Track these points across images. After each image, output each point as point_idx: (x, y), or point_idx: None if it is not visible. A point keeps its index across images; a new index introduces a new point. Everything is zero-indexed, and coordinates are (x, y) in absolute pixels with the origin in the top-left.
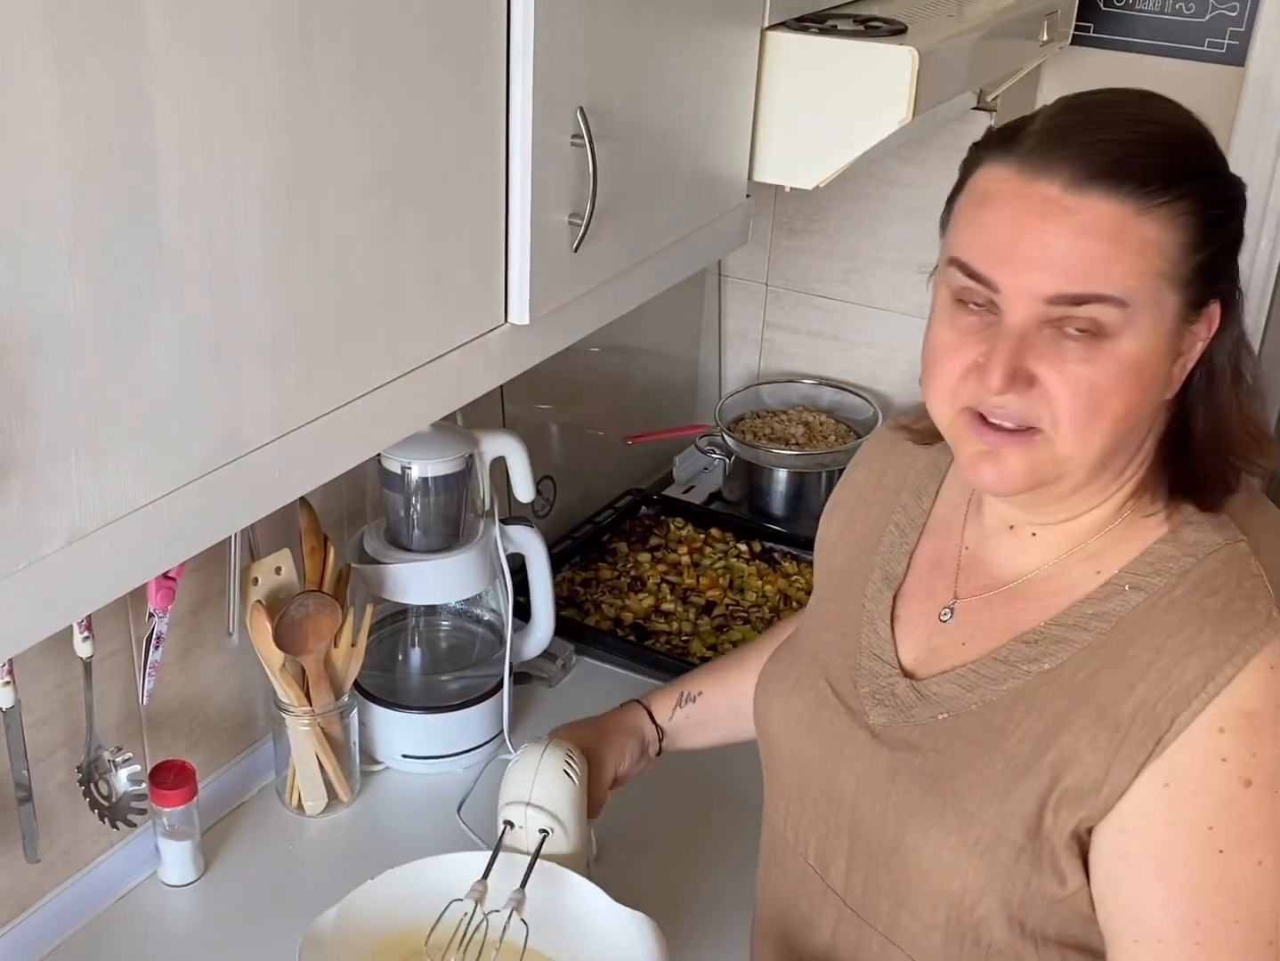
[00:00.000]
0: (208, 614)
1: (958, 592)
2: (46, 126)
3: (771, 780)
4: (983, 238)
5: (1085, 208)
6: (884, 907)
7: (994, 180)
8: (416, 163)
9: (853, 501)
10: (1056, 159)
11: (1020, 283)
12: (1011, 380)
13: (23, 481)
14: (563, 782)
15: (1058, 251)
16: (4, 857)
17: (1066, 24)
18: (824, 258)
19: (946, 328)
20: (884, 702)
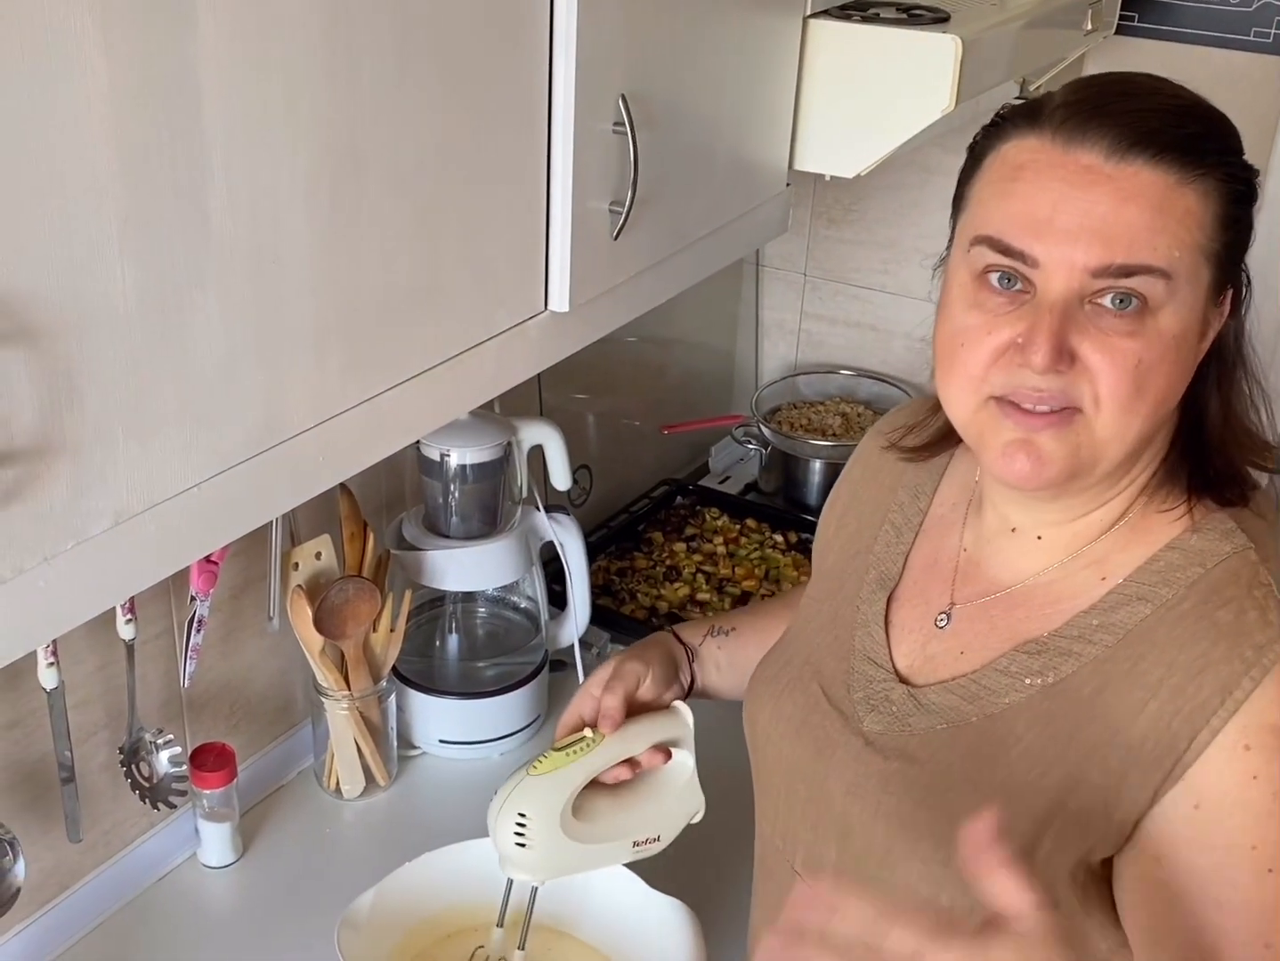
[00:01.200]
0: (249, 598)
1: (955, 597)
2: (96, 112)
3: (760, 784)
4: (1017, 210)
5: (1128, 175)
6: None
7: (1025, 151)
8: (459, 150)
9: (848, 499)
10: (1094, 127)
11: (1062, 254)
12: (1058, 356)
13: (71, 463)
14: (516, 854)
15: (1101, 220)
16: (47, 837)
17: (1111, 13)
18: (863, 247)
19: (971, 311)
20: (879, 709)
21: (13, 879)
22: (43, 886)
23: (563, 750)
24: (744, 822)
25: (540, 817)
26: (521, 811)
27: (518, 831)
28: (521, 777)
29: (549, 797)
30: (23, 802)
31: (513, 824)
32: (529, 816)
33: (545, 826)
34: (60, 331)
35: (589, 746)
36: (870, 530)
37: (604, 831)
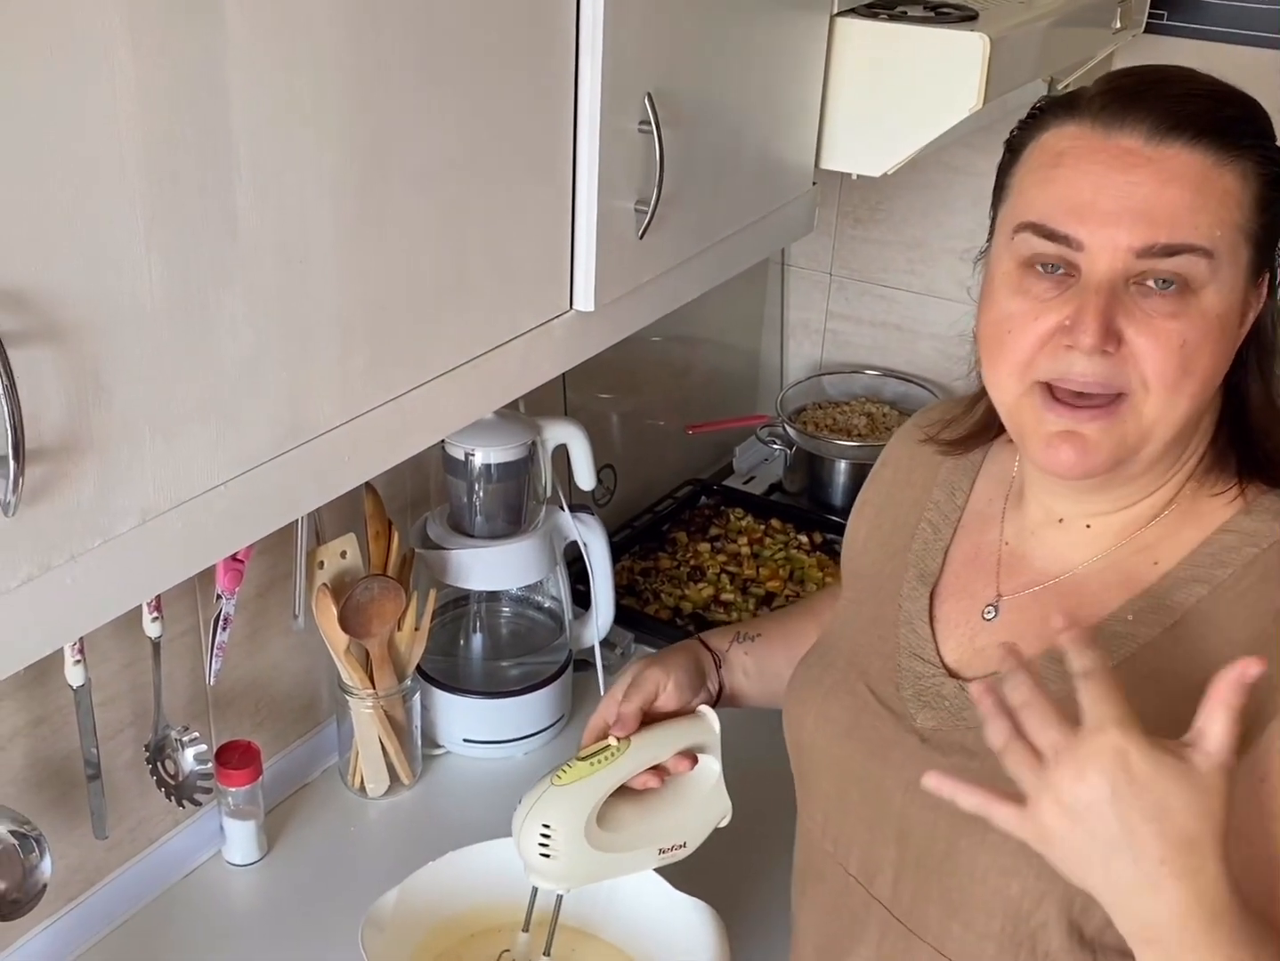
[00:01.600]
0: (274, 596)
1: (1001, 590)
2: (124, 110)
3: (807, 789)
4: (1059, 195)
5: (1168, 157)
6: (934, 917)
7: (1065, 139)
8: (485, 149)
9: (880, 501)
10: (1134, 112)
11: (1106, 235)
12: (1106, 336)
13: (98, 461)
14: (541, 864)
15: (1143, 202)
16: (73, 834)
17: (1140, 11)
18: (889, 247)
19: (1016, 297)
20: (931, 705)
21: (39, 875)
22: (69, 883)
23: (587, 759)
24: (766, 823)
25: (565, 828)
26: (546, 822)
27: (542, 842)
28: (546, 787)
29: (573, 808)
30: (49, 799)
31: (537, 835)
32: (553, 827)
33: (570, 836)
34: (87, 329)
35: (613, 755)
36: (906, 530)
37: (629, 840)
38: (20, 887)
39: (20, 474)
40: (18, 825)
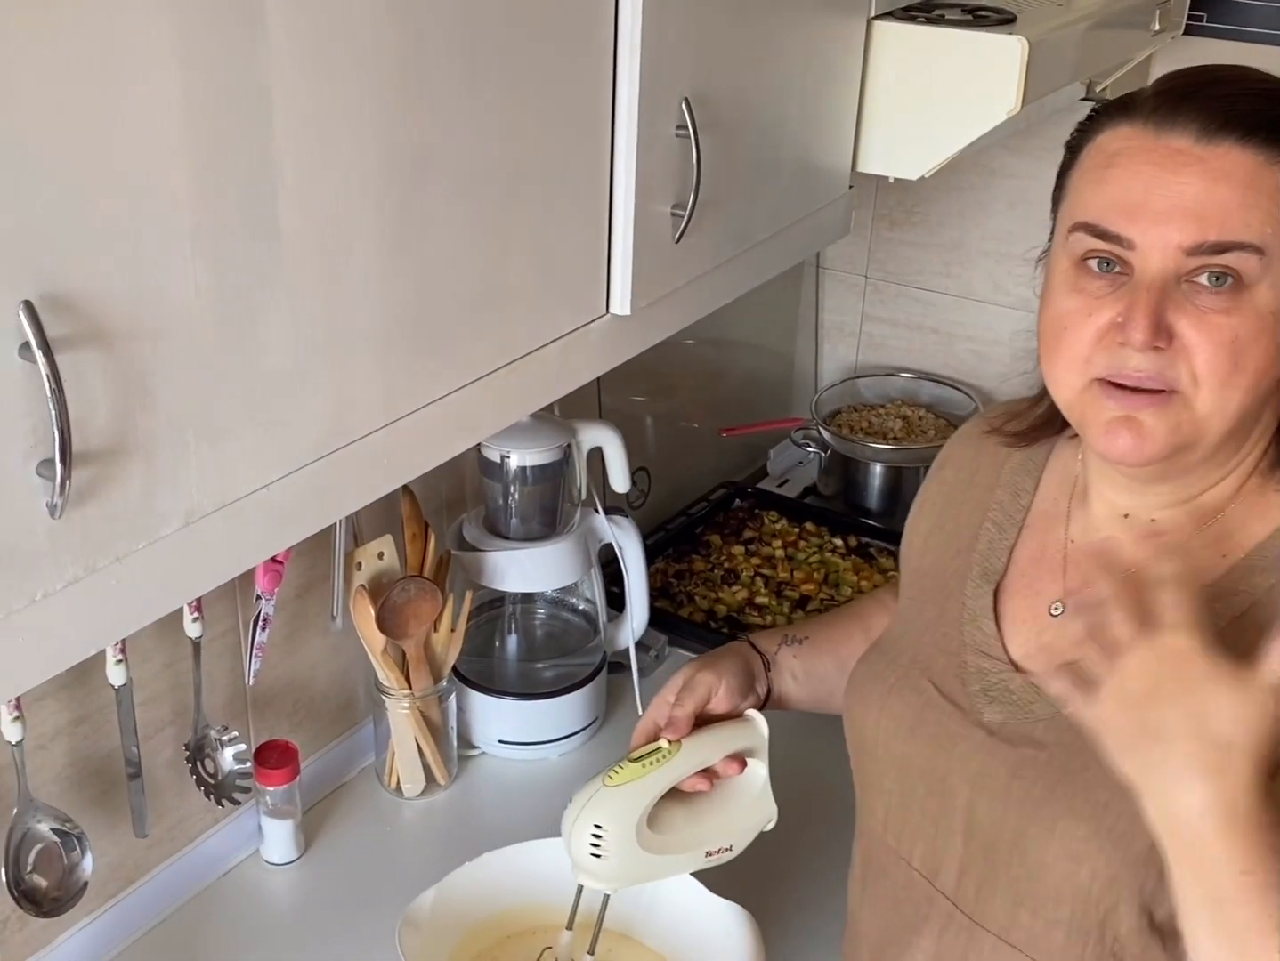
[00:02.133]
0: (312, 597)
1: (1068, 586)
2: (170, 117)
3: (868, 785)
4: (1112, 195)
5: (1218, 156)
6: (1000, 908)
7: (1119, 139)
8: (523, 154)
9: (942, 501)
10: (1184, 112)
11: (1157, 234)
12: (1156, 333)
13: (144, 463)
14: (591, 864)
15: (1193, 200)
16: (114, 832)
17: (1180, 13)
18: (925, 249)
19: (1072, 295)
20: (999, 700)
21: (81, 873)
22: (109, 881)
23: (639, 761)
24: (804, 827)
25: (616, 829)
26: (597, 822)
27: (593, 842)
28: (598, 788)
29: (625, 809)
30: (90, 798)
31: (588, 834)
32: (605, 827)
33: (620, 837)
34: (133, 334)
35: (664, 757)
36: (970, 529)
37: (678, 842)
38: (62, 885)
39: (67, 477)
40: (60, 823)
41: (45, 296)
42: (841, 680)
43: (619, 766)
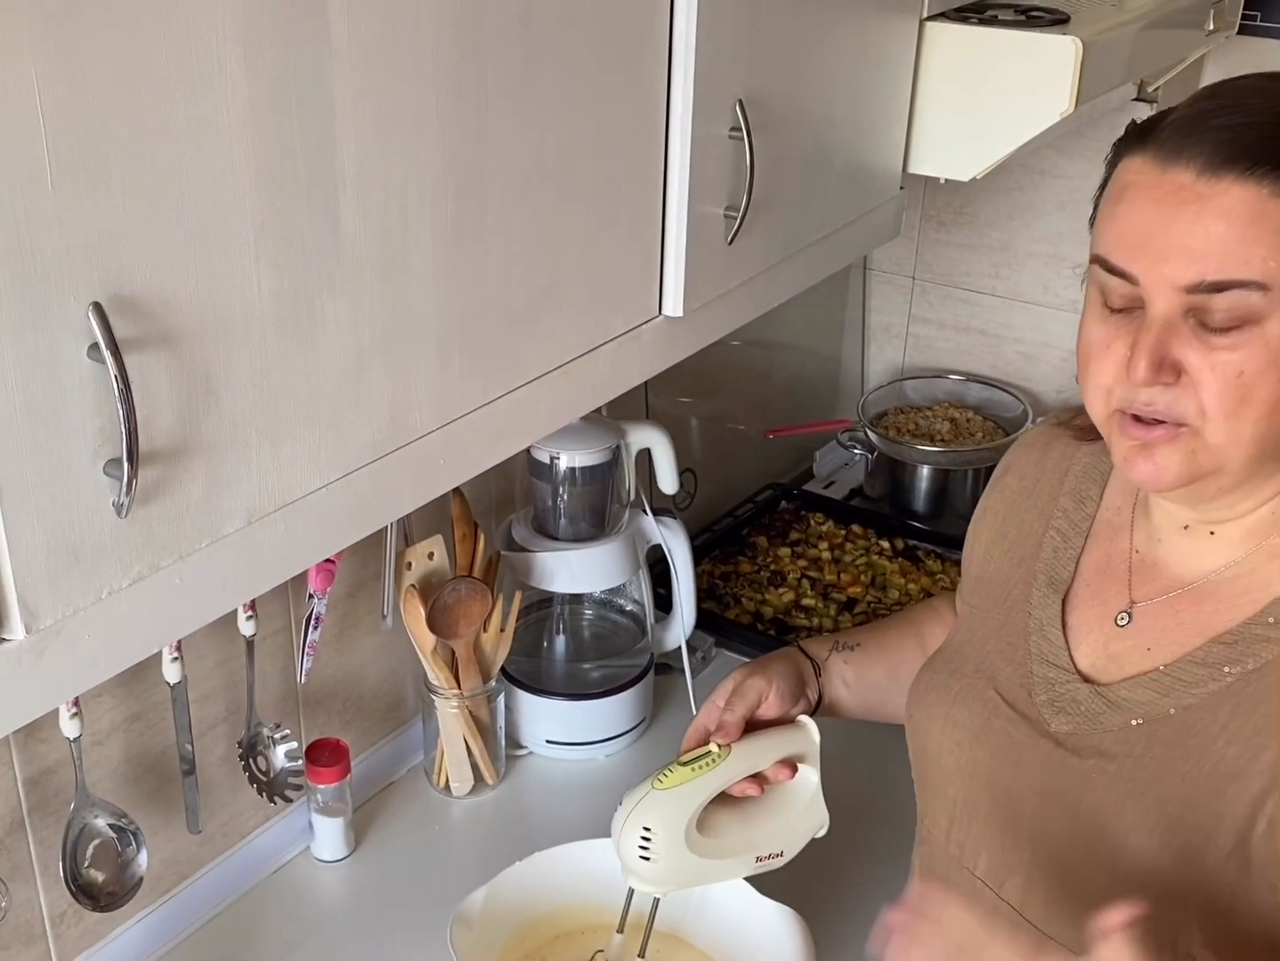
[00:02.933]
0: (363, 597)
1: (1134, 596)
2: (236, 121)
3: (931, 794)
4: (1119, 231)
5: (1219, 193)
6: (1068, 919)
7: (1131, 172)
8: (578, 158)
9: (1005, 508)
10: (1190, 145)
11: (1158, 273)
12: (1157, 370)
13: (208, 463)
14: (640, 866)
15: (1193, 239)
16: (168, 828)
17: (1233, 12)
18: (973, 251)
19: (1098, 324)
20: (1066, 710)
21: (136, 868)
22: (163, 876)
23: (688, 765)
24: (856, 832)
25: (665, 832)
26: (647, 825)
27: (643, 845)
28: (647, 791)
29: (674, 812)
30: (145, 794)
31: (638, 837)
32: (654, 830)
33: (670, 841)
34: (198, 335)
35: (714, 762)
36: (1034, 537)
37: (728, 846)
38: (118, 880)
39: (134, 476)
40: (116, 818)
41: (113, 298)
42: (893, 687)
43: (668, 770)
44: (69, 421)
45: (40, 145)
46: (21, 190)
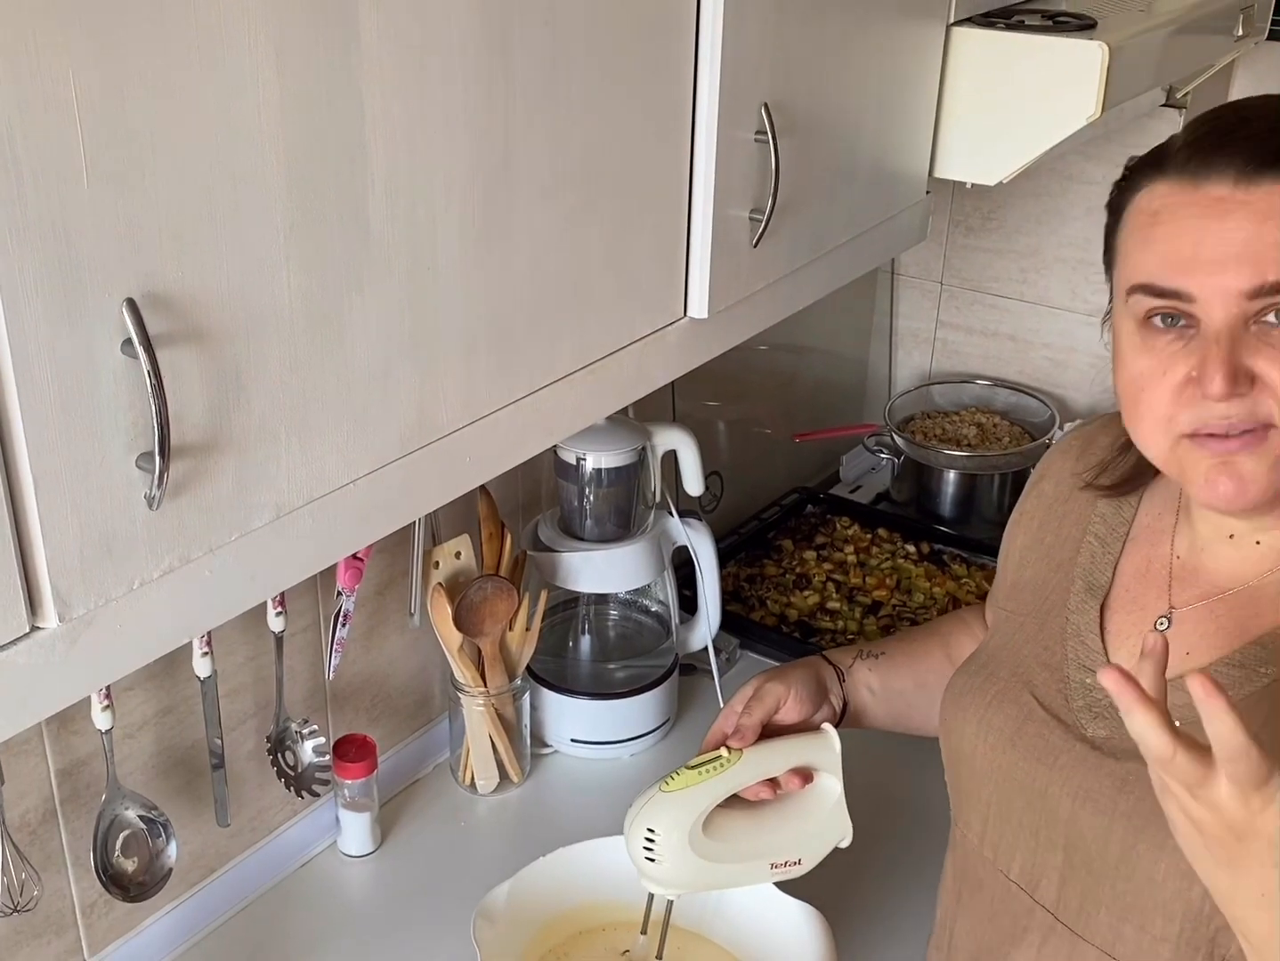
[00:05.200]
0: (391, 595)
1: (1174, 601)
2: (268, 122)
3: (964, 797)
4: (1162, 252)
5: (1260, 196)
6: (1105, 921)
7: (1157, 197)
8: (605, 160)
9: (1041, 514)
10: (1218, 159)
11: (1215, 284)
12: (1234, 381)
13: (237, 458)
14: (647, 867)
15: (1244, 244)
16: (196, 821)
17: (1263, 18)
18: (1001, 256)
19: (1142, 355)
20: (1103, 715)
21: (165, 859)
22: (191, 869)
23: (696, 768)
24: (881, 832)
25: (669, 834)
26: (650, 827)
27: (647, 846)
28: (654, 793)
29: (679, 815)
30: (175, 787)
31: (642, 838)
32: (658, 832)
33: (674, 842)
34: (229, 333)
35: (723, 766)
36: (1071, 542)
37: (738, 851)
38: (147, 871)
39: (165, 469)
40: (146, 810)
41: (147, 295)
42: (920, 697)
43: (676, 772)
44: (103, 415)
45: (77, 144)
46: (58, 188)
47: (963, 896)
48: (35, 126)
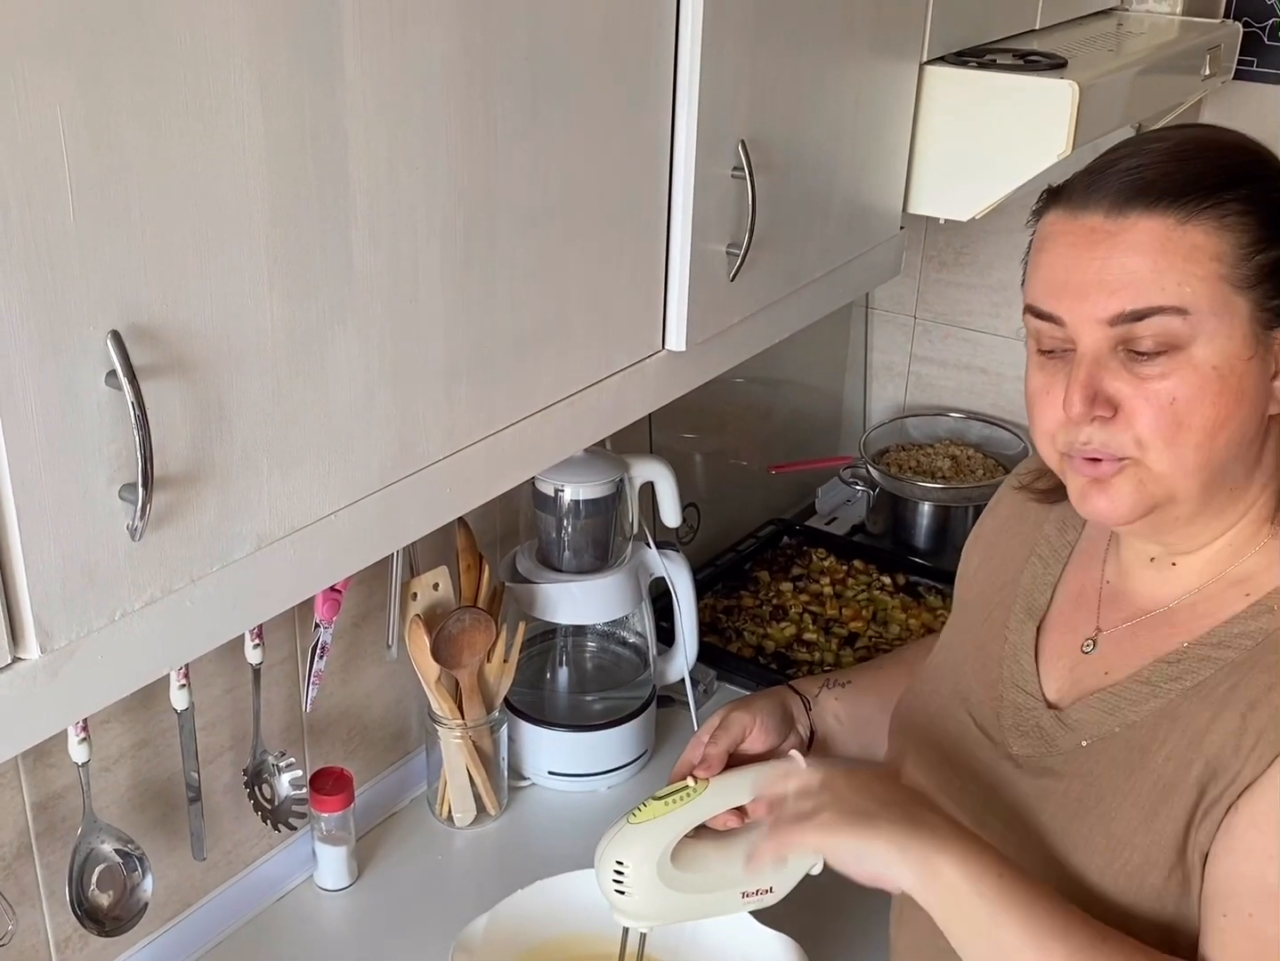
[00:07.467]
0: (368, 626)
1: (1100, 624)
2: (252, 157)
3: None
4: (1043, 278)
5: (1126, 228)
6: None
7: (1047, 225)
8: (585, 194)
9: (993, 534)
10: (1095, 192)
11: (1080, 310)
12: (1090, 404)
13: (220, 488)
14: (618, 900)
15: (1108, 274)
16: (173, 855)
17: (1229, 58)
18: (974, 290)
19: (1037, 374)
20: (1028, 735)
21: (141, 893)
22: (167, 903)
23: (662, 799)
24: None
25: (638, 866)
26: (619, 860)
27: (616, 879)
28: (622, 826)
29: (646, 846)
30: (151, 820)
31: (611, 871)
32: (627, 864)
33: (643, 874)
34: (213, 363)
35: (689, 796)
36: (1016, 563)
37: (708, 881)
38: (123, 905)
39: (148, 501)
40: (122, 844)
41: (131, 327)
42: (887, 724)
43: (644, 804)
44: (86, 447)
45: (63, 179)
46: (44, 222)
47: (905, 914)
48: (22, 160)
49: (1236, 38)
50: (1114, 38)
